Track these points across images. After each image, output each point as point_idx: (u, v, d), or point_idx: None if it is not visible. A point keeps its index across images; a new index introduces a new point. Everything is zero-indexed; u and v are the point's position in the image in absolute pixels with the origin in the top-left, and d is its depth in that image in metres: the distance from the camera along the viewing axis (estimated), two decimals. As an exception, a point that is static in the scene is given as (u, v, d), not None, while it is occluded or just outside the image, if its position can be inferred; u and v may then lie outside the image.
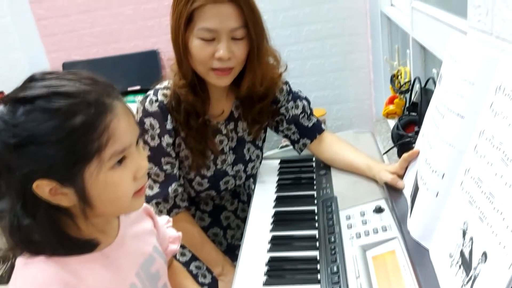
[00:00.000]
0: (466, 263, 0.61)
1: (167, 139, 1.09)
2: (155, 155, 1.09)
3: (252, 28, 1.02)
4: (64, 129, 0.56)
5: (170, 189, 1.11)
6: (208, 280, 1.19)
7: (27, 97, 0.57)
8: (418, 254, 0.75)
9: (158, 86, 1.12)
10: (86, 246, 0.63)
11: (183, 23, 1.00)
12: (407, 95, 1.54)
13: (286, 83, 1.22)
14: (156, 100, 1.08)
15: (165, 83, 1.12)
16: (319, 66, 2.40)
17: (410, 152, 0.92)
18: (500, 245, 0.54)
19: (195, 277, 1.19)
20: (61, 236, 0.61)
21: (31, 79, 0.60)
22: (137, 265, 0.70)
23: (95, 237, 0.64)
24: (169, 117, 1.09)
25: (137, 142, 0.65)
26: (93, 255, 0.64)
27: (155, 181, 1.11)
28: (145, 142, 1.08)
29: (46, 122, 0.56)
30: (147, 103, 1.08)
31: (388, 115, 1.77)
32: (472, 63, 0.69)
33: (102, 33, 2.46)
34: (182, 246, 1.22)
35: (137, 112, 1.09)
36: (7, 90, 0.61)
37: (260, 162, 1.28)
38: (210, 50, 1.01)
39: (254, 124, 1.19)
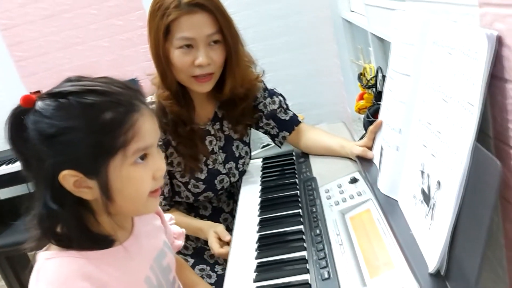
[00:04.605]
0: (426, 197, 0.69)
1: None
2: None
3: (227, 33, 1.09)
4: (95, 123, 0.60)
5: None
6: (213, 279, 1.23)
7: (62, 92, 0.61)
8: (389, 206, 0.82)
9: None
10: (105, 242, 0.66)
11: (161, 35, 1.07)
12: (374, 89, 1.64)
13: (261, 81, 1.31)
14: None
15: (148, 99, 1.17)
16: (293, 76, 2.51)
17: (374, 123, 1.01)
18: (449, 169, 0.62)
19: None
20: (83, 230, 0.64)
21: (67, 80, 0.65)
22: (151, 259, 0.74)
23: (114, 233, 0.67)
24: None
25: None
26: (114, 248, 0.67)
27: None
28: None
29: (78, 116, 0.60)
30: None
31: (360, 110, 1.86)
32: (410, 27, 0.79)
33: (81, 67, 2.54)
34: (185, 254, 1.26)
35: None
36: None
37: (250, 158, 1.34)
38: (189, 58, 1.07)
39: (238, 124, 1.26)
